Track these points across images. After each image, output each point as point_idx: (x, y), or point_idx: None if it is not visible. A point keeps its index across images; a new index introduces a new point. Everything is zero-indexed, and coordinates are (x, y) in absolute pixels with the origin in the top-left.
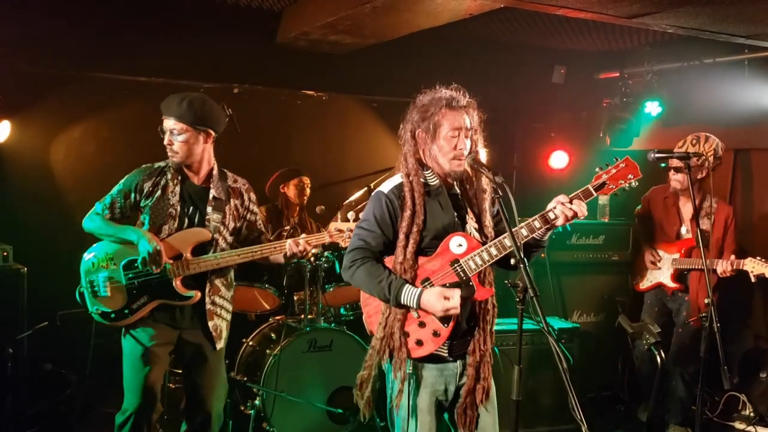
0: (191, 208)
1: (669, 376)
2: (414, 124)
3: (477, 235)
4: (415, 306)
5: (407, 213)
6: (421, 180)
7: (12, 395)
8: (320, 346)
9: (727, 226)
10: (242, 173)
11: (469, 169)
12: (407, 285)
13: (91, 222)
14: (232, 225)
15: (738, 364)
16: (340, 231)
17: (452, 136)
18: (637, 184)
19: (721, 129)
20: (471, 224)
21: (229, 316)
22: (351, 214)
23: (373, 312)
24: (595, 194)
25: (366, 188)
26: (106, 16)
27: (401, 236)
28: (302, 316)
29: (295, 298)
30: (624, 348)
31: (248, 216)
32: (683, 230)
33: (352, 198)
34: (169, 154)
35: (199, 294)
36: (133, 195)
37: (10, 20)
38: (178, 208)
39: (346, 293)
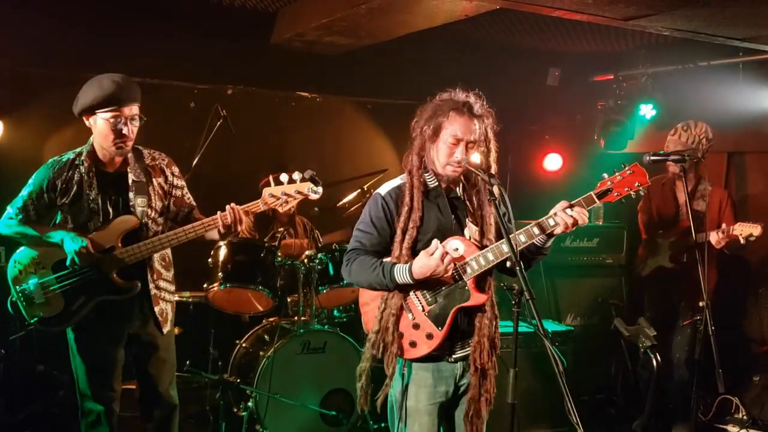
0: (113, 198)
1: (672, 369)
2: (423, 120)
3: (477, 239)
4: (410, 279)
5: (405, 209)
6: (422, 179)
7: (4, 397)
8: (314, 347)
9: (722, 207)
10: (236, 174)
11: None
12: (397, 264)
13: (7, 228)
14: (159, 205)
15: (731, 367)
16: (275, 197)
17: (452, 144)
18: (644, 192)
19: (716, 132)
20: (470, 228)
21: (173, 298)
22: (284, 177)
23: (371, 313)
24: (597, 202)
25: (360, 190)
26: (100, 16)
27: (398, 232)
28: (296, 317)
29: (289, 299)
30: (618, 351)
31: (174, 192)
32: (680, 213)
33: (345, 200)
34: (119, 146)
35: (138, 283)
36: (46, 195)
37: (3, 20)
38: (99, 202)
39: (340, 295)
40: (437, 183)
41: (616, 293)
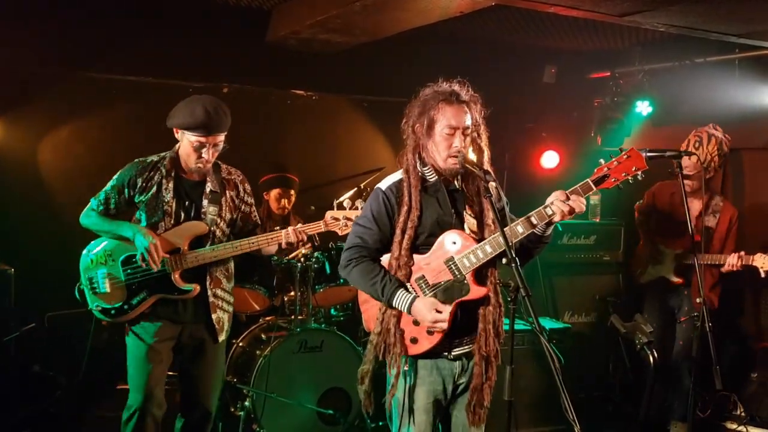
0: (186, 203)
1: (675, 371)
2: (413, 118)
3: (476, 232)
4: (406, 311)
5: (404, 208)
6: (419, 176)
7: (1, 397)
8: (311, 346)
9: (731, 225)
10: None
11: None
12: (400, 290)
13: (87, 218)
14: (228, 216)
15: (729, 364)
16: (336, 219)
17: (448, 134)
18: (643, 177)
19: None
20: (469, 222)
21: (230, 308)
22: (347, 202)
23: (371, 311)
24: (594, 188)
25: (356, 189)
26: (96, 15)
27: (397, 232)
28: (292, 316)
29: (286, 298)
30: (615, 348)
31: (243, 207)
32: (688, 227)
33: (342, 198)
34: (197, 165)
35: (197, 287)
36: (126, 190)
37: (2, 20)
38: (173, 205)
39: (337, 294)
40: (436, 176)
41: (613, 290)
